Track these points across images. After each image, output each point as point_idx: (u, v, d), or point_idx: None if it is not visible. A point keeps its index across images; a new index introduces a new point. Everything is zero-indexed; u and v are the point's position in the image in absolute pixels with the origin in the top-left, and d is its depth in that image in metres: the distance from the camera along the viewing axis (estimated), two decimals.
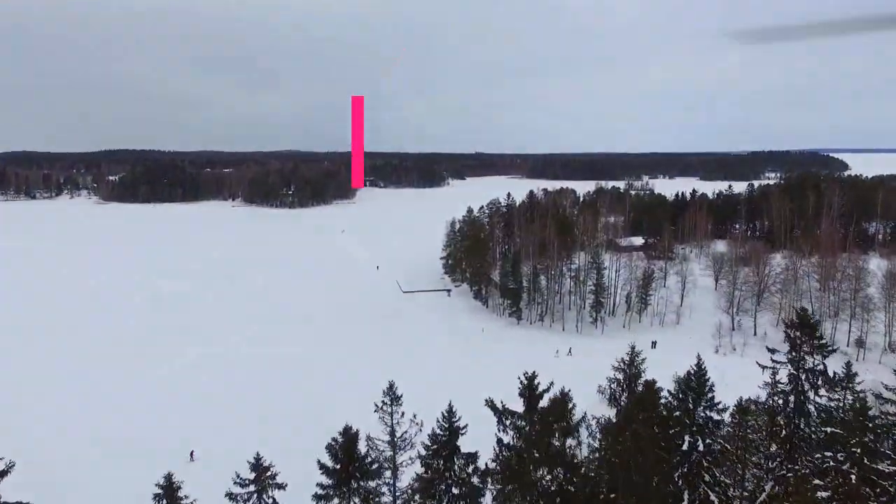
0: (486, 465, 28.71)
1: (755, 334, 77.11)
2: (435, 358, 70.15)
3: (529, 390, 26.84)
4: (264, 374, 65.26)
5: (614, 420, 30.60)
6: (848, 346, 71.32)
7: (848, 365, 30.95)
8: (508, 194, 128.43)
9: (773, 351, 30.51)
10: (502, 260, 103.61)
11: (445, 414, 28.14)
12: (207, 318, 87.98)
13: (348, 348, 74.39)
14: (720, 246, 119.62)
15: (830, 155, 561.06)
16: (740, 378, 61.15)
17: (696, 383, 27.85)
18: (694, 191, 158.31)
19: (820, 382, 28.99)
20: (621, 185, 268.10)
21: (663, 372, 65.12)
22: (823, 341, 31.49)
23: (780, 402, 28.96)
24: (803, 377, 28.98)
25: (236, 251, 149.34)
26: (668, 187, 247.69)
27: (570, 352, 72.89)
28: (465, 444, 28.94)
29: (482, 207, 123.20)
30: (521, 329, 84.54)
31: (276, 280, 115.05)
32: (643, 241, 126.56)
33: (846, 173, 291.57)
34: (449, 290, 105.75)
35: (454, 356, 71.11)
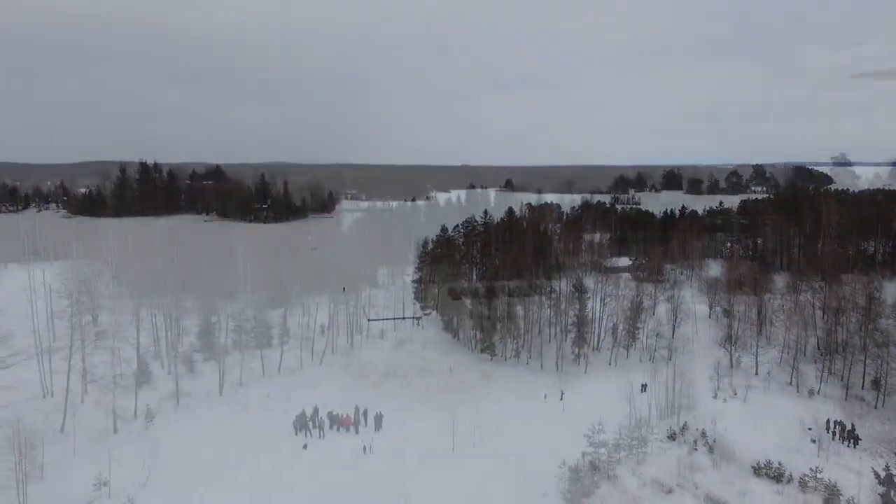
0: None
1: (757, 374, 68.28)
2: (389, 414, 59.54)
3: None
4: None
5: None
6: (863, 388, 62.81)
7: None
8: (486, 211, 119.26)
9: None
10: (476, 285, 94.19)
11: None
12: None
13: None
14: (713, 267, 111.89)
15: (814, 169, 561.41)
16: (747, 435, 52.21)
17: None
18: (683, 207, 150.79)
19: None
20: (607, 199, 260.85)
21: (657, 424, 56.38)
22: None
23: None
24: None
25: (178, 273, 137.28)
26: (655, 202, 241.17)
27: (561, 396, 63.37)
28: None
29: (457, 226, 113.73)
30: (494, 366, 74.74)
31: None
32: (630, 261, 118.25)
33: (832, 187, 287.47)
34: (419, 318, 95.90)
35: (417, 410, 60.79)
